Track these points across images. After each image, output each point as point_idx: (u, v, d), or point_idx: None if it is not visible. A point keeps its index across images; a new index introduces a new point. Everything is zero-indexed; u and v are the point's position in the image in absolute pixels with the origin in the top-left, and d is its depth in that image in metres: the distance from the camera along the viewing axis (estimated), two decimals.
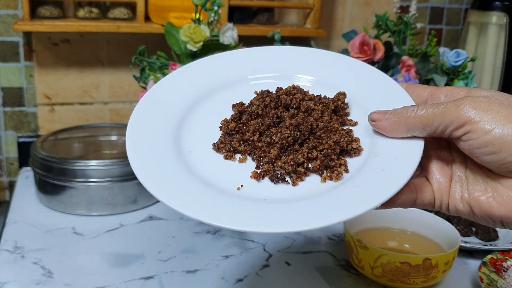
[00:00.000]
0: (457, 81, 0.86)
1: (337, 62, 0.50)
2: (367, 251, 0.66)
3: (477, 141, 0.36)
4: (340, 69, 0.49)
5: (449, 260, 0.66)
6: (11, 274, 0.68)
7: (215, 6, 0.74)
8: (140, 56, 0.80)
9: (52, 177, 0.84)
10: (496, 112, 0.36)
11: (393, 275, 0.65)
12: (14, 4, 0.99)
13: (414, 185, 0.40)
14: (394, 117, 0.40)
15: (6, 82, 1.03)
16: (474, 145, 0.36)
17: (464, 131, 0.36)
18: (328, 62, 0.50)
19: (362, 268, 0.68)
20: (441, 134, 0.38)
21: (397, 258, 0.64)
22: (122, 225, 0.82)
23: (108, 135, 1.02)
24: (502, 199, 0.37)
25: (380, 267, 0.65)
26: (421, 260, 0.64)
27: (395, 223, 0.78)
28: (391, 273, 0.65)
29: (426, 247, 0.74)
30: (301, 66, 0.50)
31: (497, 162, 0.36)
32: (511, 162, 0.36)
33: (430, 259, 0.64)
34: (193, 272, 0.70)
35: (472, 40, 1.07)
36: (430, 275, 0.65)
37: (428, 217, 0.76)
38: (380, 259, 0.65)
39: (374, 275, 0.67)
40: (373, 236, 0.75)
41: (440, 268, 0.65)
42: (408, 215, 0.77)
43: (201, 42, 0.72)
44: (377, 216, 0.78)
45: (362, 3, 1.19)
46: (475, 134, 0.36)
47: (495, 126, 0.35)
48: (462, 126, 0.36)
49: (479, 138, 0.36)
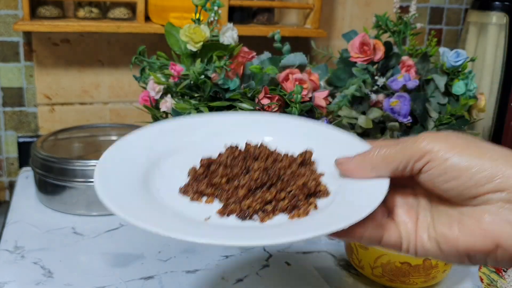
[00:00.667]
0: (457, 81, 0.86)
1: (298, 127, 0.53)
2: (367, 251, 0.66)
3: (437, 170, 0.38)
4: (302, 132, 0.52)
5: None
6: (11, 274, 0.68)
7: (215, 6, 0.74)
8: (140, 56, 0.80)
9: (52, 177, 0.84)
10: (453, 142, 0.38)
11: (393, 275, 0.65)
12: (14, 4, 1.00)
13: (381, 223, 0.41)
14: (359, 158, 0.42)
15: (6, 82, 1.03)
16: (434, 174, 0.38)
17: (424, 161, 0.38)
18: (292, 126, 0.53)
19: (362, 268, 0.68)
20: (404, 170, 0.40)
21: (397, 258, 0.64)
22: (122, 225, 0.82)
23: (108, 135, 1.02)
24: (466, 228, 0.38)
25: (380, 267, 0.65)
26: (421, 260, 0.64)
27: None
28: (391, 273, 0.65)
29: None
30: (267, 131, 0.52)
31: (457, 188, 0.37)
32: (470, 187, 0.37)
33: (430, 259, 0.64)
34: (193, 272, 0.70)
35: (472, 40, 1.07)
36: (430, 275, 0.65)
37: None
38: (380, 259, 0.65)
39: (374, 275, 0.67)
40: None
41: (440, 268, 0.65)
42: None
43: (201, 42, 0.72)
44: None
45: (362, 3, 1.19)
46: (435, 162, 0.38)
47: (453, 154, 0.37)
48: (422, 157, 0.38)
49: (438, 166, 0.38)
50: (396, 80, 0.84)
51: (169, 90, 0.75)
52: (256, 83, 0.72)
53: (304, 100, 0.73)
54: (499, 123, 1.07)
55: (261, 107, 0.71)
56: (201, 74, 0.71)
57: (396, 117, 0.84)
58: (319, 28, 1.06)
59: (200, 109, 0.69)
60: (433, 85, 0.87)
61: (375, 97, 0.86)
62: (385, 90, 0.87)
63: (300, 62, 0.76)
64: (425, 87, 0.88)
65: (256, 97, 0.71)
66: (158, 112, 0.77)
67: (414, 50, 0.92)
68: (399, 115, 0.83)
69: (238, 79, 0.71)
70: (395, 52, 0.88)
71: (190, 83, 0.72)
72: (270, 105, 0.71)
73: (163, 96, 0.76)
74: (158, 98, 0.76)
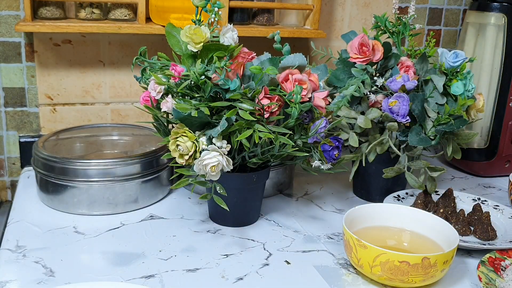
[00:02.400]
0: (456, 81, 0.86)
1: None
2: (366, 250, 0.66)
3: None
4: None
5: (448, 259, 0.67)
6: (13, 273, 0.68)
7: (215, 8, 0.74)
8: (141, 56, 0.81)
9: (54, 176, 0.84)
10: None
11: (392, 274, 0.66)
12: (16, 5, 1.00)
13: None
14: None
15: (8, 82, 1.04)
16: None
17: None
18: None
19: (361, 267, 0.69)
20: None
21: (396, 257, 0.65)
22: (123, 224, 0.83)
23: (109, 135, 1.02)
24: None
25: (379, 266, 0.66)
26: (420, 259, 0.64)
27: (394, 222, 0.78)
28: (390, 272, 0.65)
29: (424, 246, 0.74)
30: None
31: None
32: None
33: (428, 258, 0.64)
34: (193, 271, 0.71)
35: (471, 40, 1.08)
36: (428, 274, 0.66)
37: (427, 216, 0.77)
38: (379, 258, 0.65)
39: (373, 274, 0.67)
40: (372, 235, 0.75)
41: (438, 267, 0.66)
42: (407, 214, 0.78)
43: (202, 43, 0.73)
44: (376, 215, 0.78)
45: (361, 4, 1.20)
46: None
47: None
48: None
49: None
50: (395, 80, 0.85)
51: (170, 91, 0.76)
52: (256, 84, 0.72)
53: (303, 100, 0.73)
54: (497, 123, 1.08)
55: (261, 107, 0.71)
56: (202, 75, 0.71)
57: (394, 117, 0.84)
58: (318, 29, 1.07)
59: (201, 109, 0.70)
60: (432, 85, 0.88)
61: (374, 98, 0.87)
62: (384, 90, 0.88)
63: (299, 63, 0.77)
64: (424, 87, 0.89)
65: (256, 97, 0.71)
66: (159, 113, 0.78)
67: (413, 50, 0.93)
68: (398, 115, 0.84)
69: (238, 80, 0.71)
70: (394, 53, 0.89)
71: (191, 84, 0.73)
72: (270, 105, 0.72)
73: (163, 96, 0.77)
74: (159, 98, 0.77)
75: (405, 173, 0.88)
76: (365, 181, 0.96)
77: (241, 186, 0.81)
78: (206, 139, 0.72)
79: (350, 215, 0.74)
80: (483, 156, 1.10)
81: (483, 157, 1.10)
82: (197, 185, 0.75)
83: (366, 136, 0.90)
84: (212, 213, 0.86)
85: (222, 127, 0.70)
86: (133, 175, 0.86)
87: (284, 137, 0.72)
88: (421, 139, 0.85)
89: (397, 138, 0.88)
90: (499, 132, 1.08)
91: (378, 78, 0.86)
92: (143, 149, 0.94)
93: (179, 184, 0.75)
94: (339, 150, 0.79)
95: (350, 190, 1.00)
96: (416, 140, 0.85)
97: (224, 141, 0.72)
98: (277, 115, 0.74)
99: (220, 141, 0.72)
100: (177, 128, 0.73)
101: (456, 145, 0.91)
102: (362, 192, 0.97)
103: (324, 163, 0.77)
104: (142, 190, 0.87)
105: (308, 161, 0.80)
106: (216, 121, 0.73)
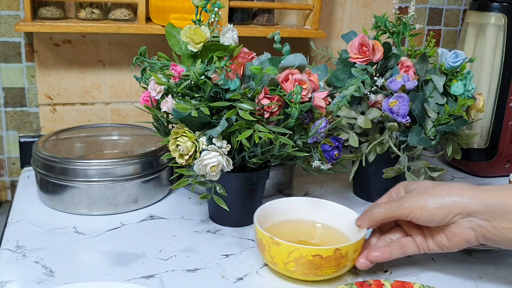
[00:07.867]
0: (456, 81, 0.86)
1: None
2: (279, 247, 0.66)
3: (419, 221, 0.67)
4: None
5: (358, 248, 0.69)
6: (13, 273, 0.68)
7: (215, 8, 0.74)
8: (141, 56, 0.81)
9: (54, 176, 0.84)
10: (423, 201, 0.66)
11: (306, 268, 0.66)
12: (16, 5, 1.00)
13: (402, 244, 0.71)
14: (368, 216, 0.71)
15: (8, 82, 1.04)
16: (419, 222, 0.67)
17: (410, 218, 0.67)
18: None
19: (275, 265, 0.69)
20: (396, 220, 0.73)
21: (309, 251, 0.65)
22: (123, 224, 0.83)
23: (109, 135, 1.02)
24: (449, 237, 0.67)
25: (293, 262, 0.66)
26: (332, 251, 0.65)
27: (305, 215, 0.79)
28: (304, 266, 0.66)
29: (334, 237, 0.76)
30: None
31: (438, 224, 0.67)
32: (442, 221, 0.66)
33: (340, 249, 0.66)
34: (193, 271, 0.71)
35: (471, 41, 1.08)
36: (340, 264, 0.67)
37: (337, 208, 0.78)
38: (292, 254, 0.66)
39: (287, 270, 0.68)
40: (285, 230, 0.75)
41: (349, 257, 0.67)
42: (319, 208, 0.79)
43: (202, 43, 0.73)
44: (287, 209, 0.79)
45: (361, 4, 1.20)
46: (415, 218, 0.67)
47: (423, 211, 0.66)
48: (407, 216, 0.67)
49: (419, 220, 0.67)
50: (395, 80, 0.85)
51: (170, 91, 0.76)
52: (256, 84, 0.72)
53: (303, 100, 0.73)
54: (498, 124, 1.08)
55: (261, 107, 0.71)
56: (202, 75, 0.71)
57: (394, 117, 0.84)
58: (318, 29, 1.07)
59: (201, 109, 0.70)
60: (432, 85, 0.88)
61: (374, 98, 0.87)
62: (384, 90, 0.88)
63: (299, 63, 0.77)
64: (424, 87, 0.89)
65: (256, 97, 0.71)
66: (159, 113, 0.78)
67: (413, 50, 0.93)
68: (398, 115, 0.84)
69: (238, 80, 0.71)
70: (394, 53, 0.89)
71: (191, 84, 0.73)
72: (270, 105, 0.72)
73: (163, 96, 0.77)
74: (159, 98, 0.77)
75: (405, 173, 0.88)
76: (365, 181, 0.96)
77: (241, 186, 0.81)
78: (206, 139, 0.72)
79: (261, 213, 0.74)
80: (483, 156, 1.10)
81: (483, 157, 1.10)
82: (197, 185, 0.75)
83: (366, 136, 0.90)
84: (212, 213, 0.86)
85: (222, 127, 0.70)
86: (133, 175, 0.86)
87: (284, 137, 0.72)
88: (421, 139, 0.85)
89: (397, 138, 0.88)
90: (499, 132, 1.08)
91: (378, 78, 0.86)
92: (143, 149, 0.94)
93: (179, 184, 0.75)
94: (339, 150, 0.79)
95: (350, 190, 1.00)
96: (416, 140, 0.85)
97: (224, 141, 0.72)
98: (277, 115, 0.74)
99: (220, 141, 0.72)
100: (177, 128, 0.73)
101: (456, 145, 0.91)
102: (362, 192, 0.97)
103: (324, 163, 0.77)
104: (142, 190, 0.87)
105: (308, 161, 0.80)
106: (216, 121, 0.73)
